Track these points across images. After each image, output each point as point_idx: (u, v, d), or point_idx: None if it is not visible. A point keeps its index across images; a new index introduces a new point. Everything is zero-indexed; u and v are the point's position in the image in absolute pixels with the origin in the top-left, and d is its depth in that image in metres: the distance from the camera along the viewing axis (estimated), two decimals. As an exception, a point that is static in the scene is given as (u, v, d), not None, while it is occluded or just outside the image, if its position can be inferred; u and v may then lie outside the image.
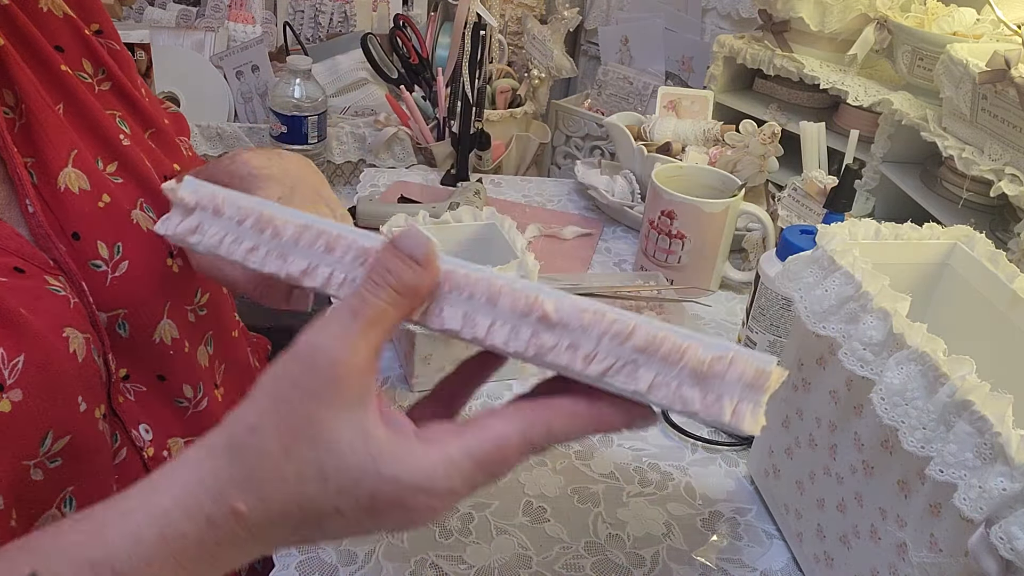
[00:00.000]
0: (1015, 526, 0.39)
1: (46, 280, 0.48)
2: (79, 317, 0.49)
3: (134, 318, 0.54)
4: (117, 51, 0.60)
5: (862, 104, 1.11)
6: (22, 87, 0.50)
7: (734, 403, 0.35)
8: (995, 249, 0.59)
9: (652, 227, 0.93)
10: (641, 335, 0.35)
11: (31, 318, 0.45)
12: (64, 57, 0.55)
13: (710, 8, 1.49)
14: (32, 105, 0.51)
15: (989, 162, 0.89)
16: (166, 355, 0.56)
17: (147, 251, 0.54)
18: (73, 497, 0.48)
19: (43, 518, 0.46)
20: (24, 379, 0.43)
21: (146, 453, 0.54)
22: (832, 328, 0.52)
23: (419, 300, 0.35)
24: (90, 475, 0.48)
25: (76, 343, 0.47)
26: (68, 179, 0.51)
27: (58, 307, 0.47)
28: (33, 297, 0.46)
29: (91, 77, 0.57)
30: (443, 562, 0.59)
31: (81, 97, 0.54)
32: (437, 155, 1.24)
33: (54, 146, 0.51)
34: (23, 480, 0.44)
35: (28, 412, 0.44)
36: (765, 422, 0.35)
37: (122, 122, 0.58)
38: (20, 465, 0.44)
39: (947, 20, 1.08)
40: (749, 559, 0.62)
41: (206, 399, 0.59)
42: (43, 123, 0.51)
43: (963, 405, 0.42)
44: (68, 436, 0.46)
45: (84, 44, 0.57)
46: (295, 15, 1.46)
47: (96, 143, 0.55)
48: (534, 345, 0.36)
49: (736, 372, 0.35)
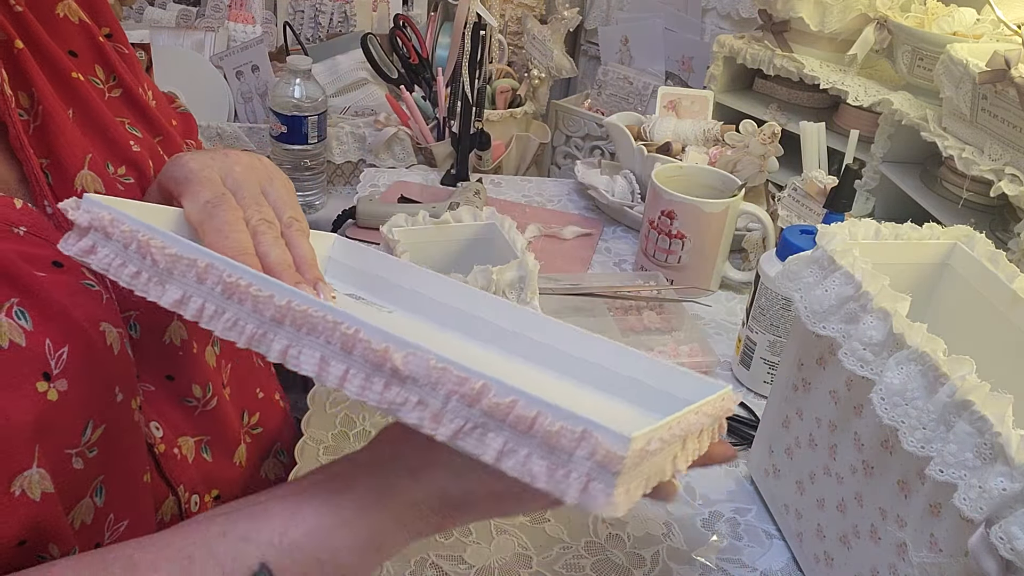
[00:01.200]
0: (1015, 526, 0.39)
1: (83, 274, 0.49)
2: (112, 312, 0.50)
3: (145, 319, 0.54)
4: (126, 54, 0.61)
5: (862, 104, 1.11)
6: (39, 89, 0.51)
7: (583, 482, 0.32)
8: (995, 249, 0.59)
9: (652, 227, 0.93)
10: (487, 400, 0.33)
11: (72, 311, 0.46)
12: (77, 63, 0.56)
13: (710, 8, 1.49)
14: (48, 107, 0.51)
15: (989, 162, 0.89)
16: (175, 356, 0.57)
17: None
18: (103, 486, 0.49)
19: (78, 507, 0.47)
20: (69, 369, 0.45)
21: (157, 449, 0.54)
22: (832, 328, 0.52)
23: None
24: (121, 465, 0.50)
25: (111, 337, 0.49)
26: (85, 181, 0.52)
27: (94, 302, 0.49)
28: (72, 291, 0.48)
29: (102, 83, 0.58)
30: (443, 562, 0.59)
31: (92, 103, 0.55)
32: (437, 155, 1.25)
33: (70, 148, 0.52)
34: (66, 469, 0.45)
35: (72, 402, 0.45)
36: (634, 501, 0.32)
37: (132, 128, 0.59)
38: (63, 454, 0.45)
39: (947, 20, 1.09)
40: (749, 559, 0.62)
41: (215, 398, 0.60)
42: (59, 125, 0.52)
43: (963, 405, 0.42)
44: (104, 426, 0.47)
45: (97, 50, 0.58)
46: (295, 15, 1.46)
47: (106, 148, 0.55)
48: (386, 399, 0.35)
49: (586, 449, 0.32)
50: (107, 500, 0.49)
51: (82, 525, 0.47)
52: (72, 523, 0.46)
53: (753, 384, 0.80)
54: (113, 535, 0.50)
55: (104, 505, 0.49)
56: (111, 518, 0.50)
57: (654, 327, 0.86)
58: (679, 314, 0.87)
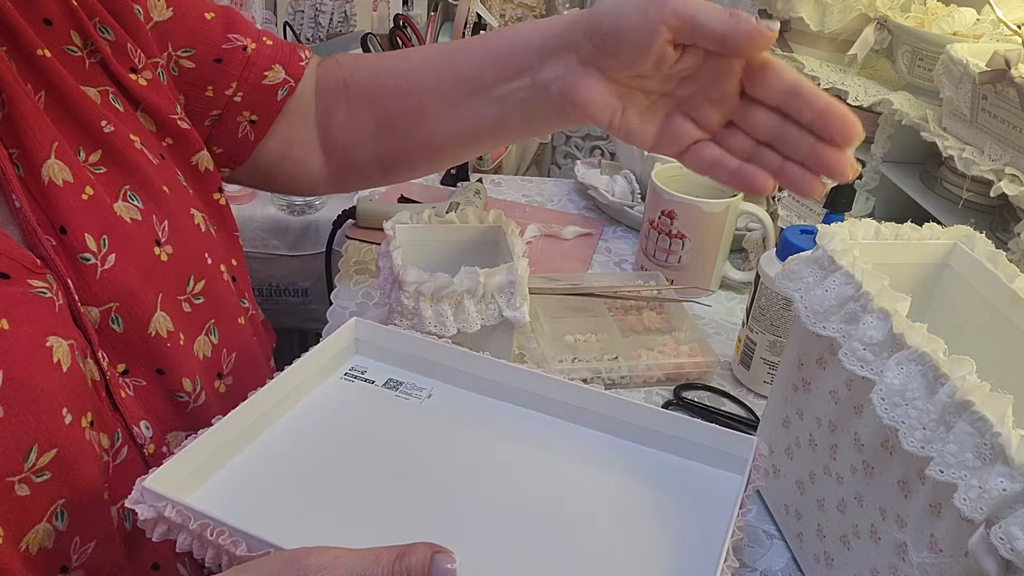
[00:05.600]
0: (1015, 526, 0.39)
1: (29, 284, 0.47)
2: (63, 321, 0.48)
3: (126, 311, 0.53)
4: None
5: (862, 104, 1.11)
6: (2, 77, 0.49)
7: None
8: (995, 249, 0.59)
9: (652, 227, 0.93)
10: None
11: (12, 330, 0.44)
12: (53, 31, 0.53)
13: (710, 8, 1.49)
14: (12, 95, 0.49)
15: (989, 162, 0.89)
16: (163, 348, 0.55)
17: (132, 242, 0.54)
18: (65, 510, 0.47)
19: (32, 533, 0.46)
20: (5, 395, 0.43)
21: (147, 450, 0.53)
22: (832, 328, 0.52)
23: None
24: (81, 485, 0.48)
25: (60, 352, 0.47)
26: (51, 171, 0.50)
27: (42, 313, 0.47)
28: (15, 304, 0.45)
29: (81, 50, 0.56)
30: (443, 562, 0.59)
31: (63, 84, 0.53)
32: (437, 155, 1.24)
33: (36, 137, 0.50)
34: (7, 496, 0.44)
35: (10, 428, 0.43)
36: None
37: (115, 99, 0.57)
38: (5, 481, 0.43)
39: (947, 20, 1.08)
40: (749, 559, 0.62)
41: (203, 393, 0.58)
42: (24, 114, 0.50)
43: (963, 405, 0.42)
44: (54, 449, 0.45)
45: (72, 16, 0.55)
46: (295, 15, 1.46)
47: (78, 133, 0.53)
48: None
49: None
50: (70, 523, 0.47)
51: (40, 550, 0.46)
52: (28, 550, 0.45)
53: (753, 384, 0.80)
54: (81, 557, 0.48)
55: (67, 528, 0.47)
56: (76, 540, 0.48)
57: (654, 327, 0.86)
58: (679, 314, 0.87)
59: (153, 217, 0.56)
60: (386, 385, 0.59)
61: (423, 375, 0.60)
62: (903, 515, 0.49)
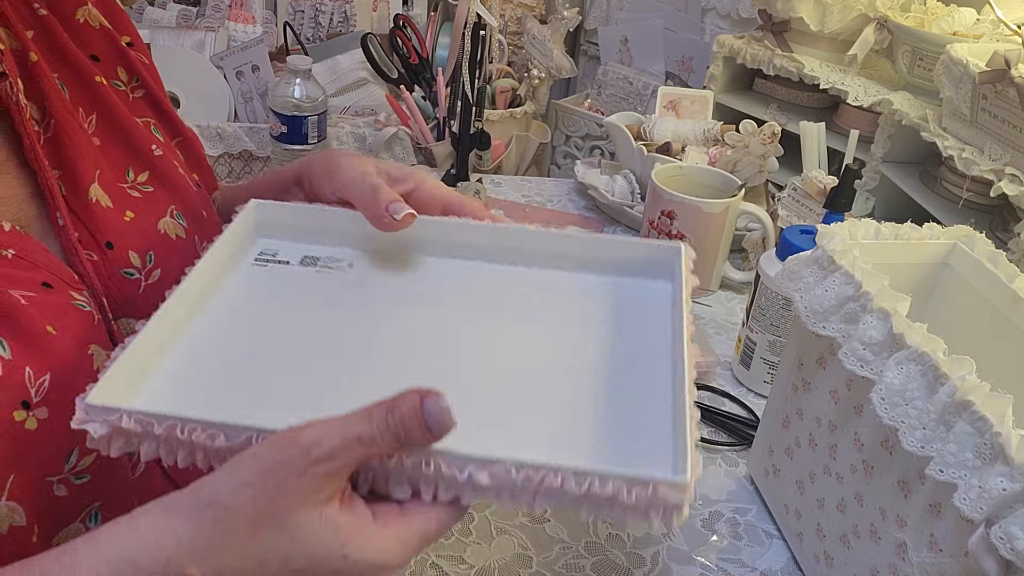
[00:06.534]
0: (1015, 526, 0.39)
1: (71, 295, 0.48)
2: (101, 334, 0.49)
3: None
4: (147, 64, 0.62)
5: (862, 104, 1.11)
6: (49, 101, 0.51)
7: (657, 515, 0.38)
8: (995, 249, 0.59)
9: (652, 227, 0.93)
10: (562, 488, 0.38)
11: (57, 336, 0.46)
12: (100, 67, 0.56)
13: (710, 8, 1.49)
14: (59, 118, 0.51)
15: (989, 162, 0.89)
16: None
17: (177, 258, 0.56)
18: (99, 512, 0.48)
19: (65, 531, 0.46)
20: (50, 397, 0.44)
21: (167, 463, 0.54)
22: (832, 328, 0.52)
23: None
24: (116, 491, 0.49)
25: (100, 360, 0.48)
26: (97, 193, 0.52)
27: (83, 323, 0.48)
28: (61, 313, 0.47)
29: (125, 85, 0.59)
30: (443, 562, 0.59)
31: (115, 108, 0.55)
32: (437, 155, 1.25)
33: (83, 159, 0.52)
34: (46, 496, 0.45)
35: (54, 430, 0.44)
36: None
37: (156, 130, 0.59)
38: (44, 481, 0.45)
39: (947, 20, 1.09)
40: (749, 559, 0.62)
41: None
42: (71, 136, 0.52)
43: (963, 405, 0.42)
44: (94, 453, 0.46)
45: (119, 53, 0.58)
46: (295, 15, 1.46)
47: (128, 153, 0.56)
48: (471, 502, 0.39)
49: (655, 504, 0.37)
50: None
51: None
52: None
53: (753, 384, 0.80)
54: None
55: None
56: None
57: (654, 327, 0.86)
58: (679, 314, 0.87)
59: (196, 237, 0.58)
60: (303, 263, 0.57)
61: (338, 246, 0.58)
62: (903, 515, 0.49)
